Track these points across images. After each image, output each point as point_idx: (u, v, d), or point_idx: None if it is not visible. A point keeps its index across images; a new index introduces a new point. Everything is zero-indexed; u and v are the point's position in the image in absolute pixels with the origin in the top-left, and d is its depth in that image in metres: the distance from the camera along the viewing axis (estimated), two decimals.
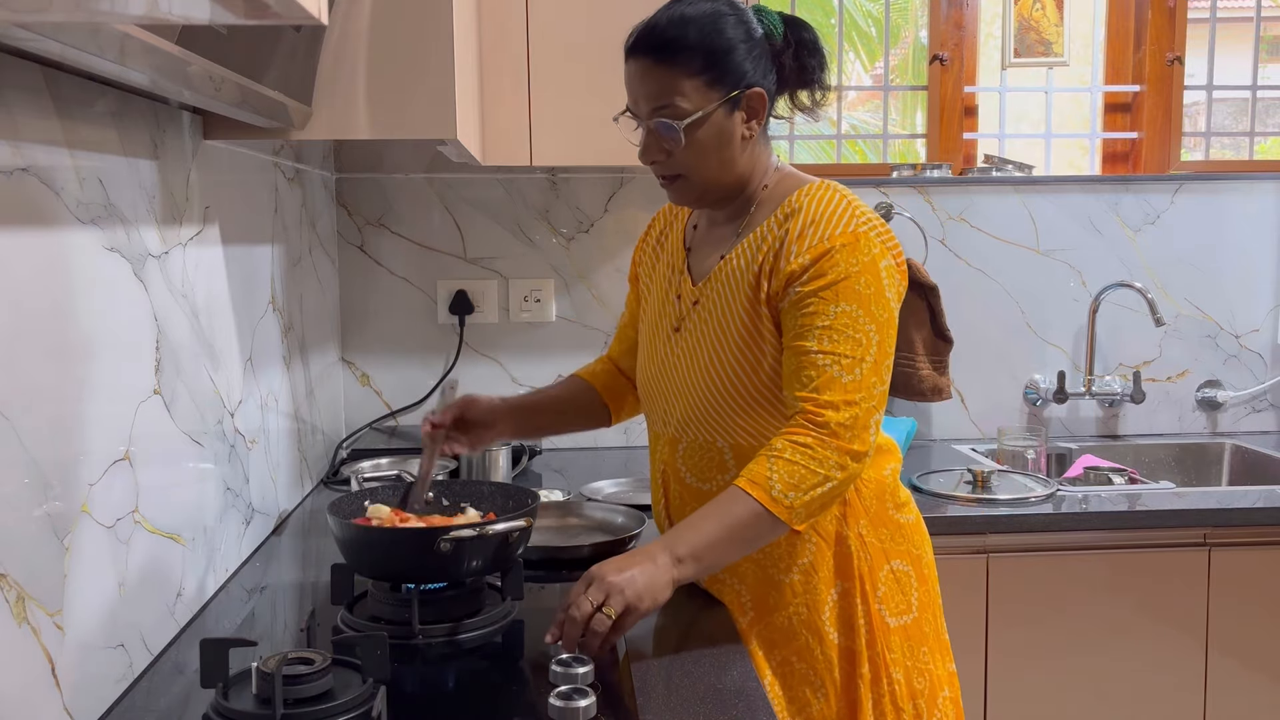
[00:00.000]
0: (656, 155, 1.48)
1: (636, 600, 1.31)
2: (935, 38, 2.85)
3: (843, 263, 1.41)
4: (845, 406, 1.39)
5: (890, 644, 1.53)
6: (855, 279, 1.41)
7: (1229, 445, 2.75)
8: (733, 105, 1.45)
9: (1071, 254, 2.76)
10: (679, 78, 1.43)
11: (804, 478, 1.36)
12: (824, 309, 1.41)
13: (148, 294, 1.38)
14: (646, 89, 1.45)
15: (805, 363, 1.41)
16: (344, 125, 1.59)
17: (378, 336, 2.63)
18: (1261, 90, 2.98)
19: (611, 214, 2.64)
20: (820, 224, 1.44)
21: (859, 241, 1.43)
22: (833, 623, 1.52)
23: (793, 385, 1.43)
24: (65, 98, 1.16)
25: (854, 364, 1.40)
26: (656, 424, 1.64)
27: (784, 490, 1.36)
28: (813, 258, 1.42)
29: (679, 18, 1.43)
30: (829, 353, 1.40)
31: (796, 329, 1.43)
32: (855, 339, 1.41)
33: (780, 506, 1.36)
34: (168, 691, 1.30)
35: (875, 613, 1.52)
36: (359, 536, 1.45)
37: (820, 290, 1.42)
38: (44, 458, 1.10)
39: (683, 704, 1.25)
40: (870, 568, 1.53)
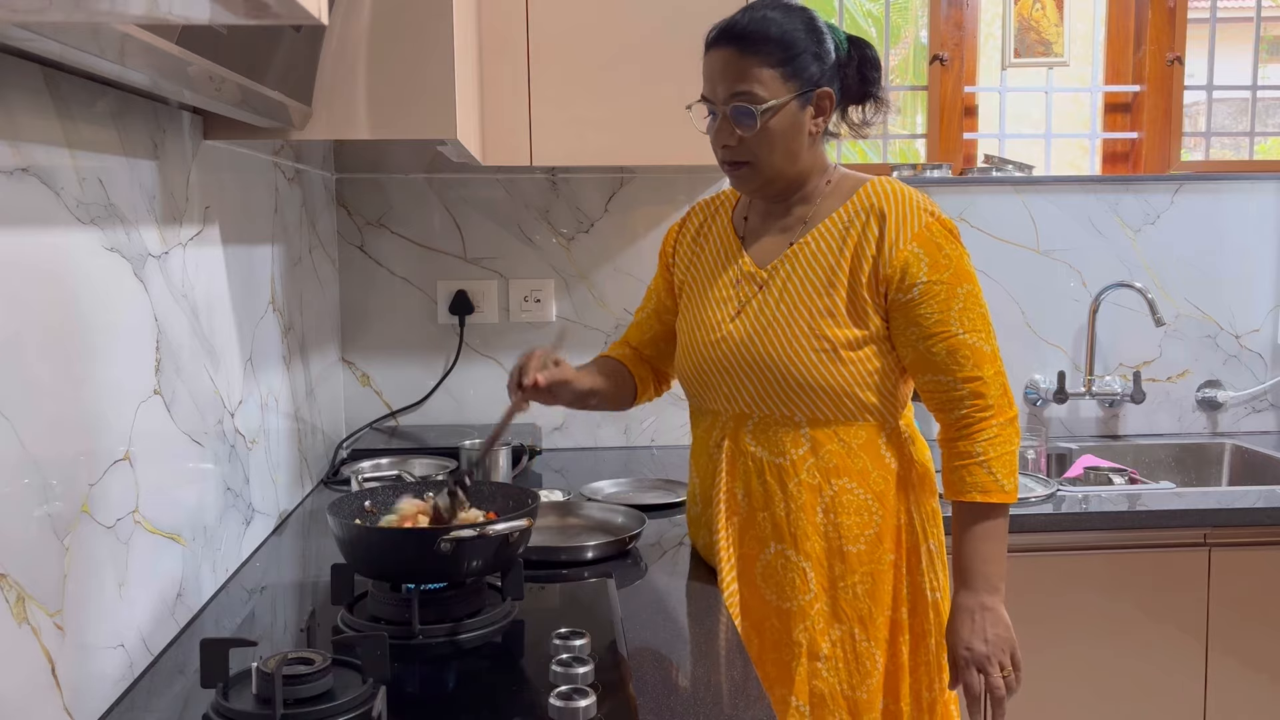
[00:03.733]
0: (729, 139, 1.58)
1: (1009, 646, 1.57)
2: (935, 38, 2.85)
3: (948, 250, 1.56)
4: (994, 379, 1.57)
5: (929, 615, 1.63)
6: (960, 258, 1.57)
7: (1229, 445, 2.75)
8: (804, 101, 1.57)
9: (1071, 254, 2.76)
10: (759, 67, 1.54)
11: (1010, 461, 1.57)
12: (954, 291, 1.55)
13: (148, 294, 1.38)
14: (727, 75, 1.56)
15: (956, 347, 1.55)
16: (344, 125, 1.59)
17: (378, 336, 2.63)
18: (1261, 90, 2.98)
19: (611, 214, 2.64)
20: (914, 210, 1.56)
21: (946, 226, 1.58)
22: (885, 595, 1.61)
23: (947, 370, 1.57)
24: (65, 98, 1.16)
25: (988, 336, 1.58)
26: (717, 403, 1.69)
27: (1009, 481, 1.57)
28: (920, 244, 1.55)
29: (761, 16, 1.56)
30: (970, 332, 1.56)
31: (936, 319, 1.55)
32: (982, 314, 1.58)
33: (1012, 495, 1.57)
34: (168, 691, 1.30)
35: (918, 585, 1.63)
36: (359, 536, 1.45)
37: (944, 279, 1.55)
38: (44, 458, 1.10)
39: (683, 704, 1.25)
40: (915, 543, 1.64)
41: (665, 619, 1.55)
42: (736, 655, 1.40)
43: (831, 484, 1.59)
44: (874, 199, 1.59)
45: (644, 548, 1.86)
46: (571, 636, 1.32)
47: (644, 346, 1.88)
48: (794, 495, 1.60)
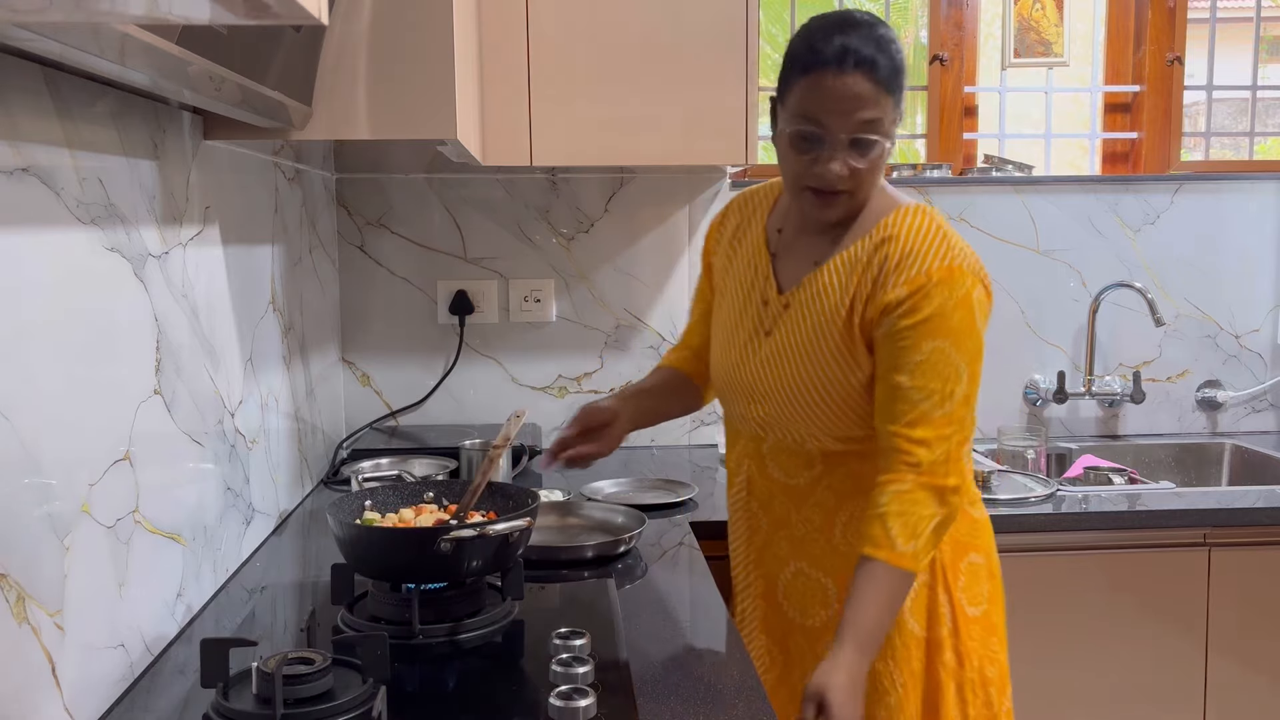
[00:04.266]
0: (843, 172, 1.47)
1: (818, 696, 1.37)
2: (935, 38, 2.85)
3: (938, 298, 1.45)
4: (937, 442, 1.45)
5: (971, 633, 1.58)
6: (949, 315, 1.45)
7: (1229, 445, 2.75)
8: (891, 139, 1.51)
9: (1071, 254, 2.76)
10: (889, 100, 1.45)
11: (915, 524, 1.44)
12: (918, 344, 1.45)
13: (148, 294, 1.38)
14: (859, 103, 1.44)
15: (898, 396, 1.46)
16: (344, 125, 1.59)
17: (378, 336, 2.63)
18: (1261, 90, 2.98)
19: (611, 214, 2.64)
20: (917, 256, 1.48)
21: (953, 276, 1.46)
22: (914, 613, 1.56)
23: (885, 418, 1.48)
24: (65, 98, 1.16)
25: (944, 399, 1.45)
26: (736, 420, 1.69)
27: (905, 542, 1.43)
28: (909, 290, 1.46)
29: (889, 42, 1.45)
30: (921, 388, 1.45)
31: (891, 361, 1.48)
32: (946, 374, 1.45)
33: (906, 559, 1.43)
34: (168, 691, 1.30)
35: (957, 602, 1.58)
36: (359, 536, 1.45)
37: (915, 325, 1.45)
38: (44, 458, 1.10)
39: (683, 704, 1.25)
40: (951, 559, 1.58)
41: (665, 619, 1.55)
42: (736, 655, 1.40)
43: (845, 506, 1.57)
44: (887, 233, 1.52)
45: (644, 548, 1.87)
46: (571, 636, 1.32)
47: (701, 350, 1.83)
48: (809, 517, 1.60)
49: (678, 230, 2.66)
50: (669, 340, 2.67)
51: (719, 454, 2.55)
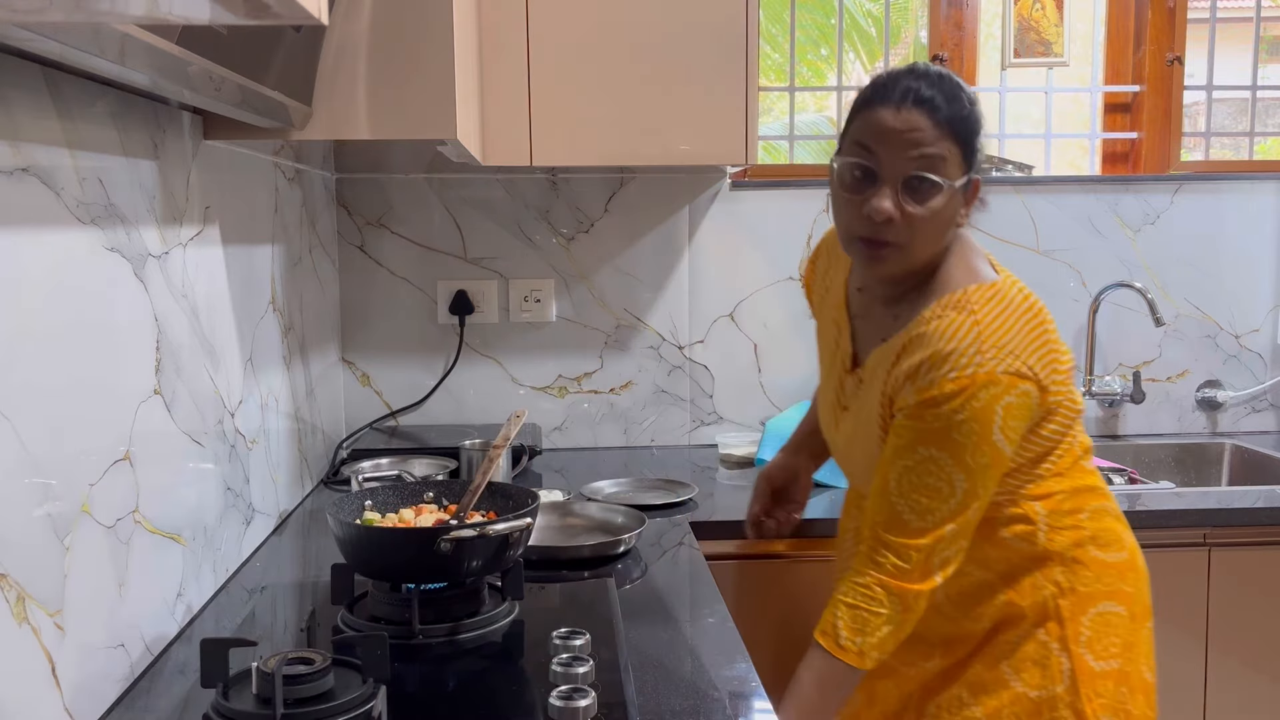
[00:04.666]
0: (892, 212, 1.40)
1: None
2: (935, 38, 2.85)
3: (945, 413, 1.38)
4: (908, 552, 1.41)
5: (1097, 689, 1.49)
6: (954, 429, 1.38)
7: (1229, 445, 2.74)
8: (965, 188, 1.42)
9: (1071, 254, 2.76)
10: (950, 141, 1.39)
11: (866, 621, 1.41)
12: (911, 447, 1.41)
13: (148, 294, 1.38)
14: (915, 139, 1.38)
15: (881, 494, 1.43)
16: (344, 125, 1.59)
17: (378, 336, 2.63)
18: (1261, 90, 2.98)
19: (611, 214, 2.64)
20: (936, 365, 1.39)
21: (974, 386, 1.37)
22: (1020, 671, 1.49)
23: (868, 509, 1.46)
24: (65, 98, 1.16)
25: (925, 511, 1.40)
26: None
27: (850, 636, 1.41)
28: (919, 400, 1.40)
29: (952, 82, 1.40)
30: (904, 496, 1.41)
31: (887, 456, 1.44)
32: (935, 486, 1.40)
33: (849, 653, 1.41)
34: (168, 691, 1.30)
35: (1078, 656, 1.49)
36: (359, 536, 1.45)
37: (915, 428, 1.41)
38: (44, 458, 1.10)
39: (682, 704, 1.25)
40: (1072, 612, 1.50)
41: (665, 619, 1.55)
42: (736, 655, 1.40)
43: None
44: (924, 326, 1.42)
45: (644, 548, 1.87)
46: (571, 636, 1.32)
47: None
48: None
49: (678, 230, 2.66)
50: (669, 340, 2.68)
51: (719, 454, 2.55)
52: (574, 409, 2.69)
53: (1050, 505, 1.51)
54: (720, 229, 2.65)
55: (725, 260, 2.67)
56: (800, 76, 3.10)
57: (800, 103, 2.98)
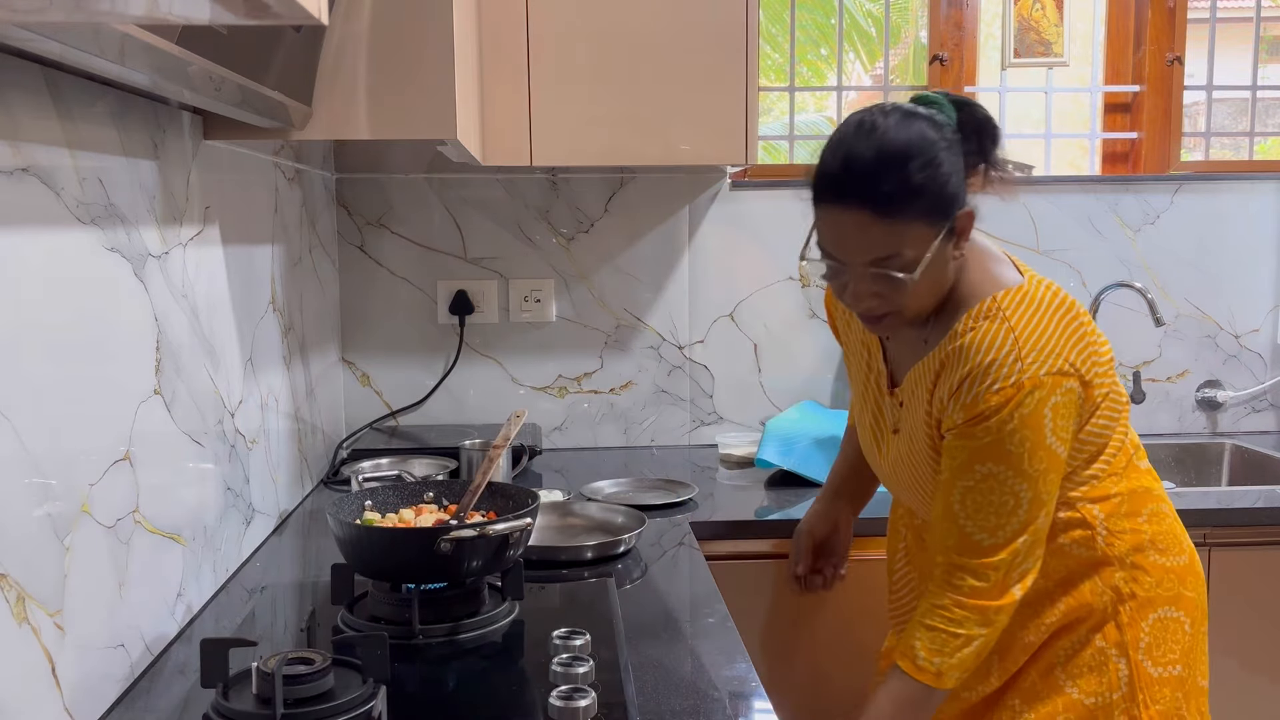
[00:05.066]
0: (871, 302, 1.39)
1: None
2: (935, 38, 2.85)
3: (994, 426, 1.35)
4: (984, 570, 1.38)
5: (1155, 695, 1.48)
6: (1006, 439, 1.35)
7: (1229, 445, 2.74)
8: (949, 235, 1.37)
9: (1071, 254, 2.76)
10: (904, 228, 1.33)
11: (946, 642, 1.39)
12: (968, 466, 1.38)
13: (148, 294, 1.38)
14: (867, 241, 1.34)
15: (946, 518, 1.41)
16: (344, 125, 1.59)
17: (378, 336, 2.63)
18: (1261, 90, 2.98)
19: (611, 214, 2.64)
20: (979, 379, 1.36)
21: (1020, 394, 1.35)
22: (1075, 679, 1.48)
23: (934, 533, 1.44)
24: (65, 98, 1.16)
25: (995, 528, 1.37)
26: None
27: (928, 658, 1.39)
28: (966, 416, 1.38)
29: (898, 155, 1.31)
30: (971, 518, 1.38)
31: (946, 478, 1.41)
32: (999, 502, 1.37)
33: (927, 674, 1.39)
34: (168, 691, 1.30)
35: (1137, 663, 1.47)
36: (359, 536, 1.45)
37: (970, 447, 1.38)
38: (44, 458, 1.10)
39: (683, 704, 1.25)
40: (1131, 618, 1.48)
41: (665, 619, 1.55)
42: (736, 655, 1.40)
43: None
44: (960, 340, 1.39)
45: (644, 548, 1.87)
46: (571, 636, 1.32)
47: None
48: None
49: (678, 230, 2.66)
50: (669, 340, 2.67)
51: (719, 454, 2.55)
52: (574, 409, 2.69)
53: (1108, 509, 1.48)
54: (720, 229, 2.65)
55: (725, 260, 2.66)
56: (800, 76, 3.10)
57: (800, 103, 2.98)
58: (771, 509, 2.14)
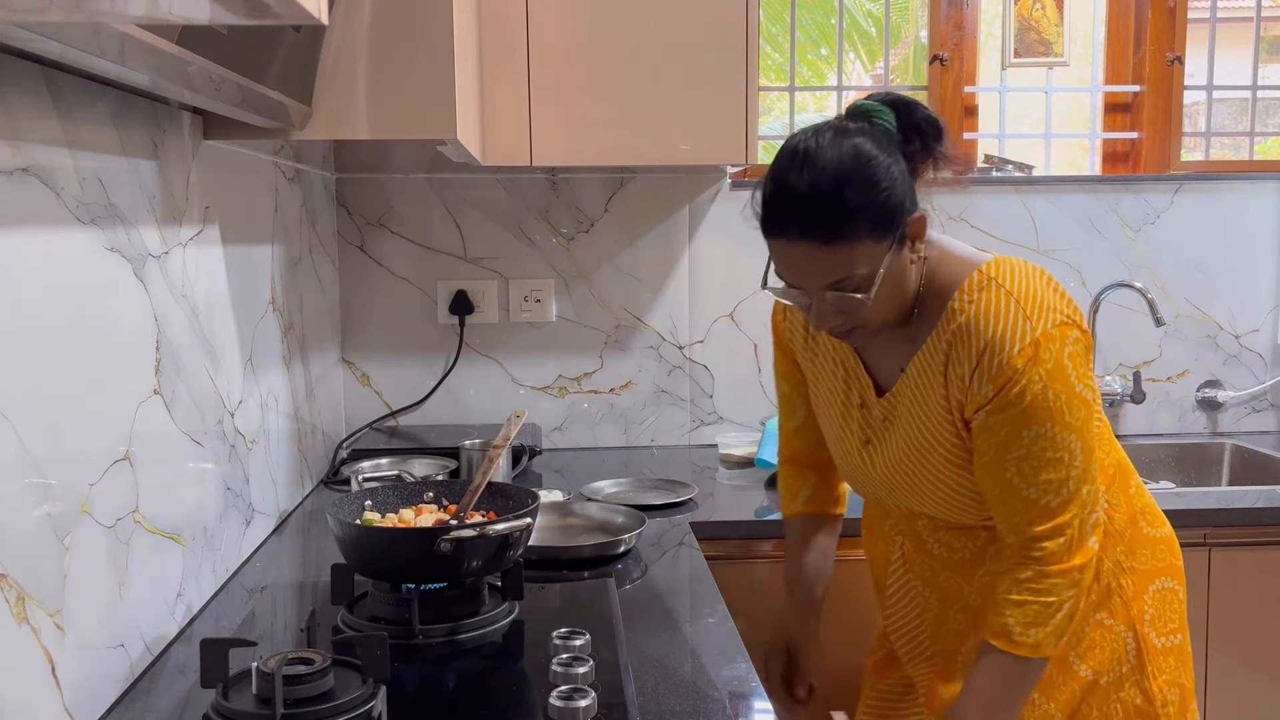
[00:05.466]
0: (835, 321, 1.40)
1: None
2: (935, 38, 2.85)
3: (1026, 385, 1.35)
4: (1057, 532, 1.38)
5: (1162, 666, 1.51)
6: (1042, 396, 1.35)
7: (1229, 445, 2.74)
8: (901, 242, 1.37)
9: (1071, 254, 2.76)
10: (851, 249, 1.32)
11: (1038, 613, 1.38)
12: (1016, 436, 1.36)
13: (148, 294, 1.38)
14: (817, 268, 1.35)
15: (1010, 494, 1.39)
16: (344, 125, 1.59)
17: (378, 336, 2.63)
18: (1261, 90, 2.98)
19: (611, 214, 2.64)
20: (994, 348, 1.36)
21: (1039, 350, 1.35)
22: (1083, 656, 1.49)
23: (1000, 516, 1.42)
24: (65, 98, 1.16)
25: (1059, 485, 1.37)
26: (877, 502, 1.64)
27: (1022, 631, 1.38)
28: (995, 388, 1.36)
29: (831, 183, 1.31)
30: (1031, 483, 1.37)
31: (992, 455, 1.39)
32: (1054, 459, 1.36)
33: (1025, 647, 1.38)
34: (168, 691, 1.30)
35: (1144, 636, 1.50)
36: (359, 536, 1.45)
37: (1010, 417, 1.36)
38: (44, 458, 1.10)
39: (683, 704, 1.25)
40: (1135, 591, 1.51)
41: (665, 619, 1.55)
42: (736, 655, 1.40)
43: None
44: (959, 321, 1.39)
45: (644, 548, 1.87)
46: (571, 636, 1.32)
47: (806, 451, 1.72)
48: (983, 586, 1.51)
49: (678, 230, 2.66)
50: (669, 340, 2.67)
51: (719, 454, 2.55)
52: (574, 409, 2.69)
53: (1105, 481, 1.50)
54: (720, 229, 2.65)
55: (725, 260, 2.66)
56: (800, 76, 3.10)
57: (800, 103, 2.98)
58: (771, 509, 2.14)
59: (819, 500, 1.74)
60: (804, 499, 1.74)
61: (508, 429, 1.67)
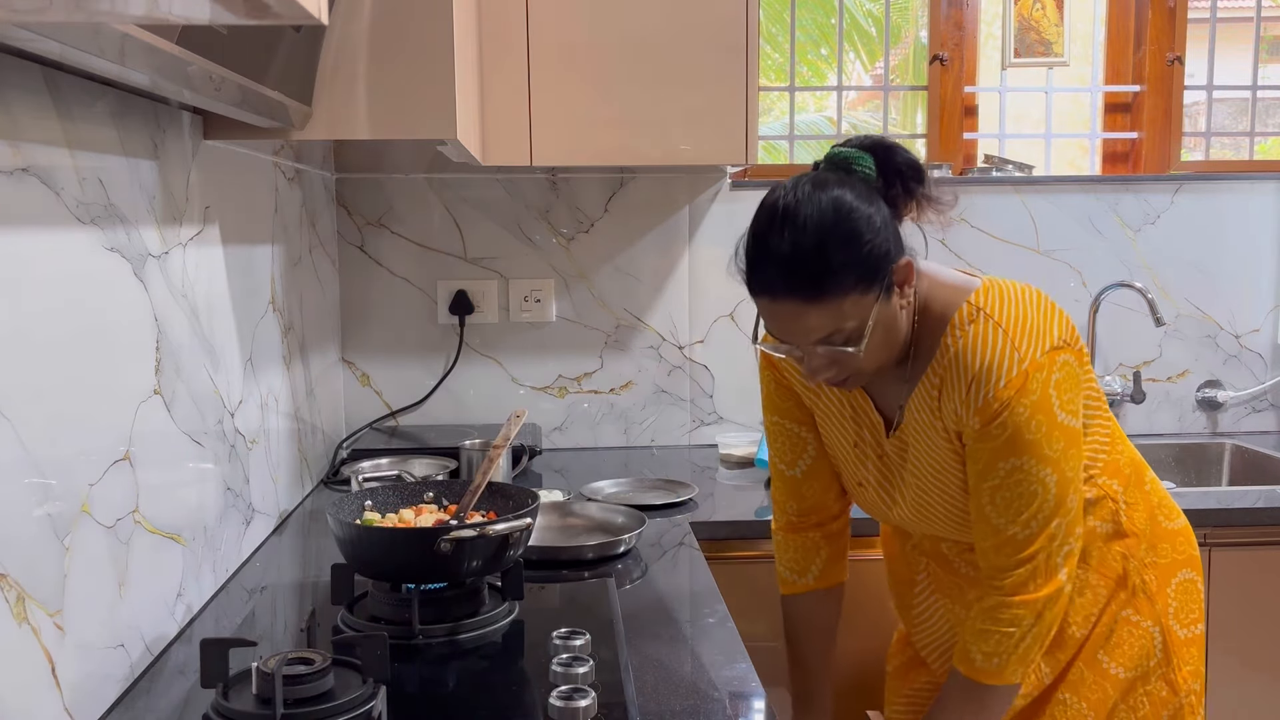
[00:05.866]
0: (829, 373, 1.39)
1: None
2: (935, 38, 2.85)
3: (1008, 419, 1.35)
4: (1023, 562, 1.39)
5: (1185, 657, 1.53)
6: (1024, 428, 1.35)
7: (1229, 445, 2.74)
8: (888, 291, 1.35)
9: (1071, 254, 2.76)
10: (838, 304, 1.31)
11: (999, 641, 1.40)
12: (993, 466, 1.38)
13: (148, 294, 1.38)
14: (805, 325, 1.34)
15: (980, 521, 1.42)
16: (344, 125, 1.59)
17: (378, 336, 2.63)
18: (1261, 90, 2.98)
19: (611, 214, 2.64)
20: (984, 380, 1.37)
21: (1026, 382, 1.35)
22: (1112, 654, 1.51)
23: (975, 539, 1.44)
24: (65, 98, 1.16)
25: (1029, 519, 1.38)
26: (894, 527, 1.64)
27: (985, 660, 1.41)
28: (982, 421, 1.37)
29: (812, 241, 1.30)
30: (1002, 513, 1.39)
31: (972, 483, 1.42)
32: (1027, 492, 1.37)
33: (987, 673, 1.41)
34: (168, 691, 1.30)
35: (1169, 629, 1.52)
36: (359, 536, 1.45)
37: (990, 448, 1.38)
38: (44, 458, 1.10)
39: (682, 704, 1.25)
40: (1159, 585, 1.53)
41: (665, 619, 1.55)
42: (736, 655, 1.40)
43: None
44: (951, 354, 1.39)
45: (644, 548, 1.87)
46: (571, 636, 1.32)
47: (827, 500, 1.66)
48: None
49: (678, 230, 2.66)
50: (669, 340, 2.67)
51: (719, 454, 2.55)
52: (574, 409, 2.69)
53: (1122, 480, 1.52)
54: (720, 229, 2.65)
55: (725, 260, 2.65)
56: (800, 76, 3.10)
57: (800, 103, 2.98)
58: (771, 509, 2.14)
59: (833, 571, 1.67)
60: (817, 573, 1.66)
61: (508, 429, 1.67)
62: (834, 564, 1.67)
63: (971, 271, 1.52)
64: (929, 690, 1.67)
